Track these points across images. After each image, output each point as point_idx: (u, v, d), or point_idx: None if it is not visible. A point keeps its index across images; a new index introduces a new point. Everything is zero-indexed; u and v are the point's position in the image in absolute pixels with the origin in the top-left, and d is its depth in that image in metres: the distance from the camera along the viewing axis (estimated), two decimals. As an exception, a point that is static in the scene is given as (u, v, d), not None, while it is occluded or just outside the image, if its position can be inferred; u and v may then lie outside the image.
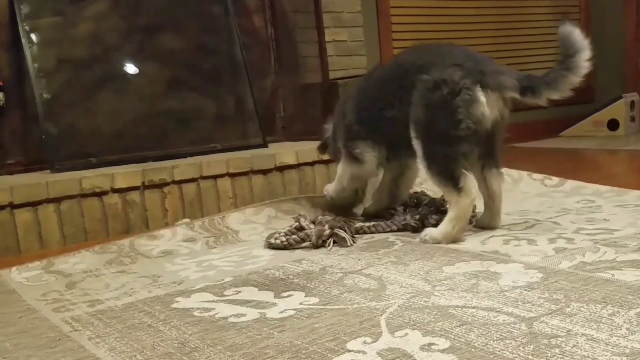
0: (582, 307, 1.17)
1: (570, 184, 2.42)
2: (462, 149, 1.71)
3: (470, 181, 1.73)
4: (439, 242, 1.73)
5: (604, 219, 1.86)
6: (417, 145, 1.77)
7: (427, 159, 1.75)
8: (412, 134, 1.77)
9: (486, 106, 1.70)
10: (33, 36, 2.40)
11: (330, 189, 2.14)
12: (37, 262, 1.76)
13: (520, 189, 2.46)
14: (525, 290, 1.29)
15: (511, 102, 1.78)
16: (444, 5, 3.92)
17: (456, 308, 1.22)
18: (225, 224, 2.06)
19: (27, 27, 2.37)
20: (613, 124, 4.17)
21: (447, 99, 1.70)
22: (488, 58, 1.81)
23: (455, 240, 1.73)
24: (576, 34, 1.66)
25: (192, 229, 1.99)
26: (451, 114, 1.70)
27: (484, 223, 1.88)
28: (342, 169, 2.07)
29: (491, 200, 1.86)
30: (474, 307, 1.22)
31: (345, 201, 2.15)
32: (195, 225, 1.99)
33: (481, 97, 1.70)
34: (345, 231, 1.82)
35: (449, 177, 1.72)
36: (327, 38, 2.98)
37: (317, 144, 2.24)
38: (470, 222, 1.86)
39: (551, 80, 1.68)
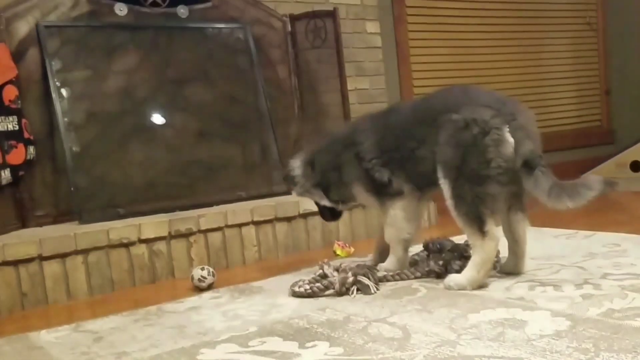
0: (612, 356, 1.16)
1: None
2: (491, 189, 1.71)
3: (494, 226, 1.73)
4: (464, 288, 1.72)
5: (631, 264, 1.84)
6: (445, 185, 1.76)
7: (455, 198, 1.75)
8: (440, 173, 1.77)
9: (514, 147, 1.70)
10: (63, 91, 2.47)
11: (385, 265, 1.99)
12: (65, 325, 1.77)
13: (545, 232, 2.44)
14: (553, 339, 1.28)
15: None
16: (463, 52, 3.96)
17: (483, 358, 1.21)
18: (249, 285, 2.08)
19: (57, 83, 2.45)
20: (636, 166, 4.14)
21: (477, 138, 1.71)
22: (517, 101, 1.83)
23: (481, 285, 1.72)
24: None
25: (218, 292, 2.00)
26: (481, 153, 1.70)
27: (508, 268, 1.87)
28: (390, 215, 1.96)
29: (516, 244, 1.85)
30: (500, 357, 1.21)
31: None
32: (220, 291, 2.00)
33: (510, 138, 1.70)
34: (368, 278, 1.82)
35: (476, 219, 1.72)
36: (349, 87, 3.03)
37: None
38: (495, 268, 1.85)
39: (563, 187, 1.67)
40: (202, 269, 2.06)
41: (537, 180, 1.69)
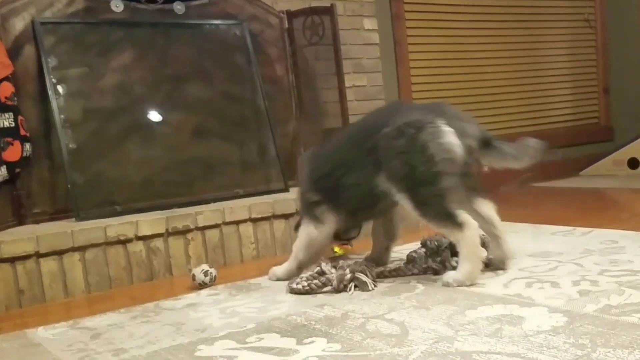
0: (609, 352, 1.16)
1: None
2: (446, 184, 1.70)
3: (465, 213, 1.72)
4: (462, 284, 1.72)
5: (628, 260, 1.84)
6: (403, 199, 1.76)
7: (418, 206, 1.74)
8: (394, 190, 1.76)
9: (454, 135, 1.70)
10: (60, 88, 2.47)
11: (274, 269, 2.05)
12: (63, 322, 1.77)
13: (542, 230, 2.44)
14: (550, 335, 1.28)
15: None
16: (461, 49, 3.96)
17: (480, 354, 1.21)
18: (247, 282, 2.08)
19: (54, 79, 2.45)
20: (633, 163, 4.14)
21: (413, 138, 1.70)
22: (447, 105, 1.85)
23: (476, 277, 1.72)
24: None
25: (216, 289, 2.00)
26: (422, 152, 1.70)
27: (498, 258, 1.86)
28: (300, 232, 2.01)
29: (493, 226, 1.85)
30: (498, 353, 1.21)
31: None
32: (218, 288, 2.00)
33: (447, 127, 1.70)
34: (366, 275, 1.82)
35: (446, 216, 1.71)
36: (347, 84, 3.03)
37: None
38: (487, 266, 1.85)
39: (500, 150, 1.74)
40: (205, 274, 2.03)
41: (501, 150, 1.72)
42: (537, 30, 4.36)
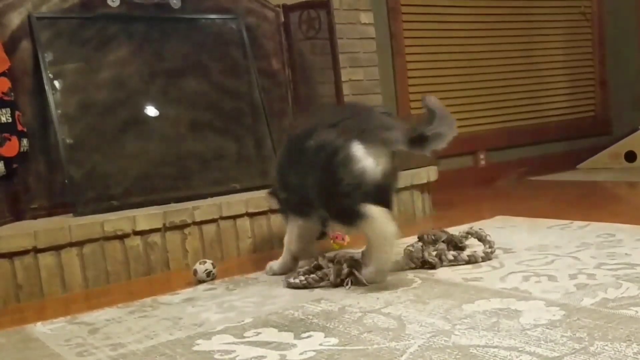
0: (607, 345, 1.16)
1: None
2: (355, 195, 1.71)
3: (374, 208, 1.69)
4: (383, 273, 1.72)
5: (626, 254, 1.85)
6: (321, 209, 1.82)
7: (334, 217, 1.80)
8: (315, 199, 1.80)
9: (365, 161, 1.70)
10: (56, 83, 2.46)
11: (271, 263, 2.06)
12: (61, 317, 1.77)
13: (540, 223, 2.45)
14: (547, 328, 1.29)
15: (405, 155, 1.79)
16: (457, 42, 3.96)
17: (477, 348, 1.22)
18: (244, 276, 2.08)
19: (50, 74, 2.44)
20: (630, 156, 4.15)
21: (327, 160, 1.73)
22: (376, 114, 1.86)
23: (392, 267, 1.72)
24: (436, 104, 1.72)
25: (213, 284, 2.00)
26: (334, 174, 1.72)
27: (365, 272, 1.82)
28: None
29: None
30: (495, 347, 1.21)
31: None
32: (215, 283, 2.00)
33: (357, 153, 1.70)
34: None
35: (353, 215, 1.70)
36: (343, 78, 3.02)
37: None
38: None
39: (435, 136, 1.70)
40: (208, 275, 2.03)
41: (435, 135, 1.69)
42: (534, 24, 4.35)
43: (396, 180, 1.90)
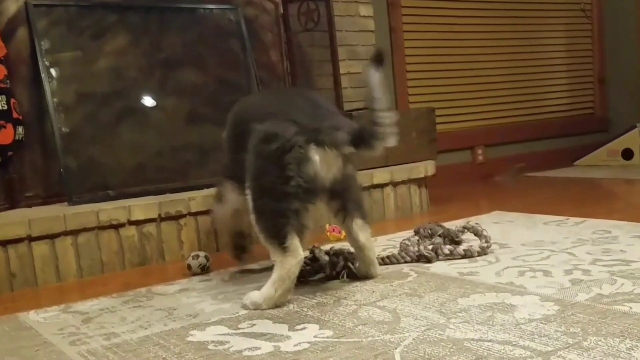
0: (600, 341, 1.16)
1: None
2: (292, 206, 1.59)
3: (297, 241, 1.60)
4: (259, 307, 1.58)
5: (621, 250, 1.85)
6: (248, 196, 1.66)
7: (255, 212, 1.64)
8: (246, 182, 1.67)
9: (319, 165, 1.61)
10: (53, 71, 2.44)
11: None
12: (54, 306, 1.76)
13: (537, 219, 2.45)
14: (541, 323, 1.29)
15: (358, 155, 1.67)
16: (456, 37, 3.95)
17: (471, 341, 1.22)
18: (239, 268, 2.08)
19: (47, 63, 2.42)
20: (627, 153, 4.15)
21: (276, 153, 1.60)
22: (332, 112, 1.72)
23: (277, 304, 1.58)
24: (375, 79, 1.55)
25: (208, 275, 1.99)
26: (280, 170, 1.60)
27: (362, 272, 1.79)
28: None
29: (360, 251, 1.77)
30: (489, 341, 1.21)
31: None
32: (210, 274, 2.00)
33: (314, 155, 1.61)
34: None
35: (275, 235, 1.59)
36: (341, 71, 3.01)
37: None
38: (348, 276, 1.79)
39: (381, 134, 1.56)
40: (202, 268, 2.01)
41: (379, 135, 1.56)
42: (533, 20, 4.34)
43: (354, 181, 1.78)
